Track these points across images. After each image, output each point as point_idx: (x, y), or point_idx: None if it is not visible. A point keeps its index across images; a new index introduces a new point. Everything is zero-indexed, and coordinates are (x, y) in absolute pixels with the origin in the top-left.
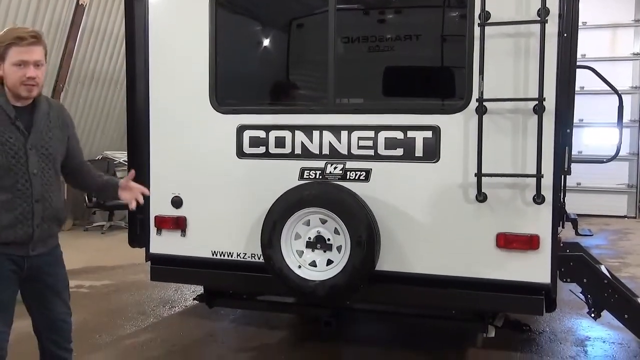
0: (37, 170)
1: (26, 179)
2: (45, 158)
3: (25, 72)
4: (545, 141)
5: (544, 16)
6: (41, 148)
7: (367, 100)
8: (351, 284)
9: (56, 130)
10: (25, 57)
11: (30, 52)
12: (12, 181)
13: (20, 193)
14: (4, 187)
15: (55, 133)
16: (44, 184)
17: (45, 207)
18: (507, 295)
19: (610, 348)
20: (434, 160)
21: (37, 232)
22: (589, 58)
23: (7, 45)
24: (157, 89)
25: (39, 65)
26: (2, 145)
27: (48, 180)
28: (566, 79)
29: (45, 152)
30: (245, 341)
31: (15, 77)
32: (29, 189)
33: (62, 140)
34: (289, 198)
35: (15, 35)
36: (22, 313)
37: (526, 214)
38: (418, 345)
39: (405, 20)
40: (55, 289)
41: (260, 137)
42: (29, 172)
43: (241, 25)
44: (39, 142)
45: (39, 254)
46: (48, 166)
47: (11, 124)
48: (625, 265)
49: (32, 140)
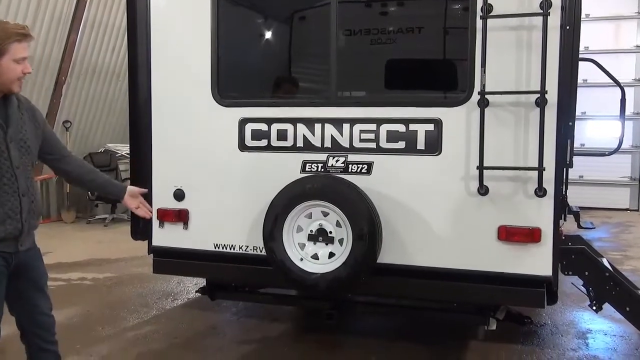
0: (19, 164)
1: (11, 173)
2: (24, 151)
3: (23, 68)
4: (547, 134)
5: (546, 8)
6: (19, 141)
7: (369, 93)
8: (353, 277)
9: (29, 123)
10: (25, 54)
11: (27, 49)
12: None
13: (7, 188)
14: None
15: (29, 126)
16: (27, 178)
17: (30, 200)
18: (508, 288)
19: (611, 341)
20: (436, 153)
21: (25, 227)
22: (591, 50)
23: (11, 41)
24: (159, 81)
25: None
26: None
27: (29, 174)
28: (568, 72)
29: (23, 145)
30: (247, 333)
31: (13, 73)
32: (14, 184)
33: (36, 134)
34: (291, 191)
35: (16, 31)
36: None
37: (528, 207)
38: (419, 338)
39: (407, 13)
40: (39, 284)
41: (262, 130)
42: (13, 166)
43: (243, 17)
44: (17, 136)
45: (26, 249)
46: (27, 159)
47: None
48: (627, 258)
49: (11, 134)
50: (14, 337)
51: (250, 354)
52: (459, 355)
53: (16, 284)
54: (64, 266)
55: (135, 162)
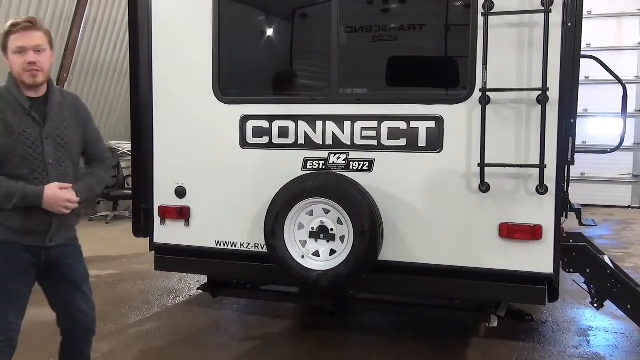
0: (52, 160)
1: (43, 168)
2: (61, 148)
3: (26, 58)
4: (549, 131)
5: (548, 5)
6: (57, 138)
7: (370, 90)
8: (354, 274)
9: (70, 120)
10: (22, 43)
11: (27, 38)
12: (28, 170)
13: (37, 182)
14: (21, 177)
15: (70, 123)
16: (60, 174)
17: None
18: (509, 285)
19: (612, 338)
20: (437, 150)
21: (54, 223)
22: (593, 47)
23: (5, 35)
24: (161, 79)
25: (40, 50)
26: (19, 135)
27: (64, 170)
28: (570, 69)
29: (61, 142)
30: (249, 330)
31: (17, 64)
32: (45, 179)
33: (77, 131)
34: (293, 188)
35: (11, 23)
36: (36, 301)
37: (529, 204)
38: (420, 335)
39: (408, 10)
40: (74, 281)
41: (264, 128)
42: (45, 161)
43: (244, 14)
44: (55, 132)
45: (56, 245)
46: (64, 156)
47: (26, 114)
48: (628, 256)
49: (48, 130)
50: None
51: (251, 351)
52: (460, 352)
53: (51, 280)
54: None
55: (137, 160)
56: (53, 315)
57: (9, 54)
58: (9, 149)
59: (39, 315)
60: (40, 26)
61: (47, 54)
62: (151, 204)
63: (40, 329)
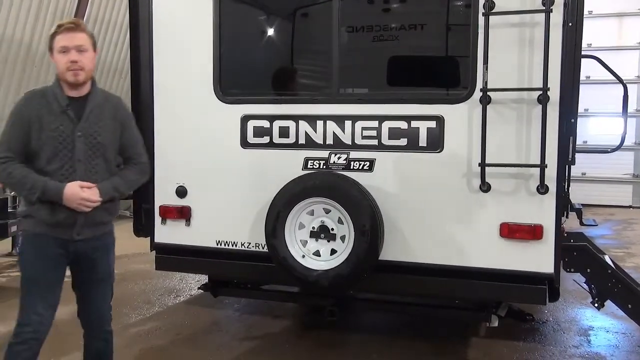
0: (82, 157)
1: (71, 164)
2: (92, 146)
3: (69, 57)
4: (550, 131)
5: (548, 5)
6: (89, 137)
7: (371, 90)
8: (355, 274)
9: (108, 121)
10: (66, 43)
11: (70, 38)
12: (57, 166)
13: (63, 178)
14: (50, 172)
15: (107, 124)
16: (88, 171)
17: None
18: (510, 285)
19: (613, 338)
20: (438, 150)
21: (80, 217)
22: (594, 47)
23: (51, 36)
24: (162, 78)
25: (82, 50)
26: (52, 132)
27: (94, 167)
28: (571, 69)
29: (93, 141)
30: (249, 330)
31: (61, 63)
32: (72, 175)
33: (113, 132)
34: (293, 188)
35: (57, 25)
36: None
37: (530, 204)
38: (421, 335)
39: (409, 10)
40: (93, 276)
41: (264, 127)
42: (74, 158)
43: (245, 14)
44: (88, 131)
45: (84, 239)
46: (96, 154)
47: (62, 112)
48: (629, 256)
49: (81, 128)
50: None
51: (252, 351)
52: (461, 352)
53: (77, 273)
54: None
55: None
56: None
57: (54, 54)
58: (40, 145)
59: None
60: (84, 28)
61: (89, 54)
62: (152, 204)
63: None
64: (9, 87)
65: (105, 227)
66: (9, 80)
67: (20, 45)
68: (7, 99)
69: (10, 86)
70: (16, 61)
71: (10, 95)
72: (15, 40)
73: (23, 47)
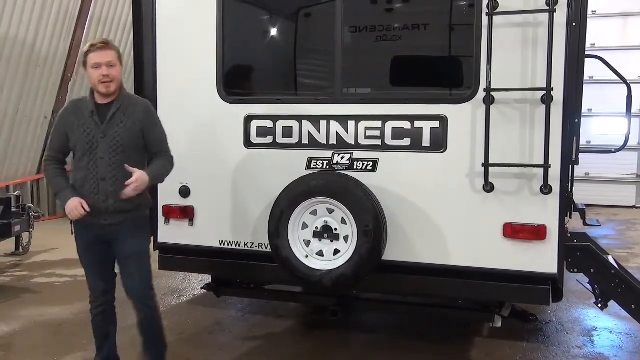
0: (104, 155)
1: (94, 161)
2: (113, 145)
3: (101, 72)
4: (553, 131)
5: (552, 5)
6: (112, 138)
7: (374, 90)
8: (358, 274)
9: (129, 123)
10: (98, 60)
11: (102, 56)
12: (86, 162)
13: (89, 172)
14: (81, 167)
15: (130, 126)
16: (110, 166)
17: (110, 185)
18: (513, 285)
19: (617, 338)
20: (441, 150)
21: (103, 205)
22: (598, 47)
23: (85, 54)
24: (165, 78)
25: (112, 65)
26: (81, 134)
27: (115, 163)
28: (575, 69)
29: (112, 141)
30: (252, 330)
31: (94, 77)
32: (96, 170)
33: (131, 131)
34: (296, 188)
35: (89, 44)
36: (40, 300)
37: (533, 204)
38: (424, 335)
39: (412, 10)
40: (122, 254)
41: (268, 127)
42: (97, 156)
43: (249, 14)
44: (110, 132)
45: (110, 223)
46: (116, 152)
47: (90, 117)
48: (633, 256)
49: (103, 130)
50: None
51: (255, 351)
52: (464, 352)
53: (112, 252)
54: (69, 263)
55: None
56: (55, 315)
57: (88, 69)
58: (74, 145)
59: (43, 315)
60: (112, 46)
61: (117, 68)
62: (155, 204)
63: (41, 329)
64: (12, 87)
65: (131, 215)
66: (13, 80)
67: (24, 46)
68: (11, 98)
69: (13, 86)
70: (19, 61)
71: (13, 95)
72: (19, 41)
73: (27, 47)
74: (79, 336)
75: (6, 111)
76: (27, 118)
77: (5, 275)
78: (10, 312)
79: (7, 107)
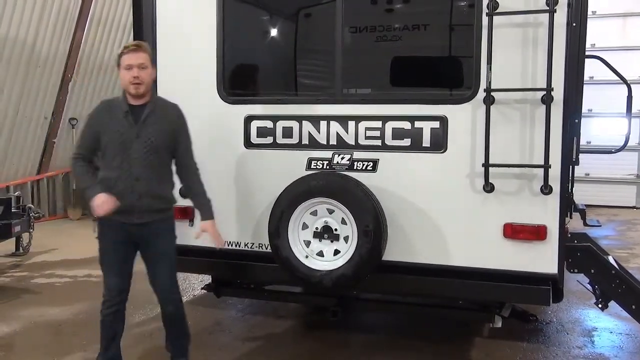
0: (137, 155)
1: (128, 161)
2: (147, 146)
3: (132, 74)
4: (553, 131)
5: (552, 5)
6: (145, 138)
7: (374, 90)
8: (358, 274)
9: (160, 123)
10: (130, 62)
11: (134, 58)
12: (119, 162)
13: (122, 172)
14: (114, 167)
15: (161, 128)
16: (143, 166)
17: (144, 184)
18: (514, 286)
19: (617, 339)
20: (442, 150)
21: (137, 204)
22: (598, 47)
23: (119, 55)
24: (165, 78)
25: (143, 67)
26: (114, 133)
27: (148, 164)
28: (575, 69)
29: (147, 141)
30: (252, 330)
31: (125, 78)
32: (129, 169)
33: (165, 132)
34: (297, 188)
35: (124, 46)
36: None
37: (533, 205)
38: (424, 335)
39: (413, 10)
40: (154, 253)
41: (268, 128)
42: (131, 157)
43: (249, 14)
44: (143, 132)
45: (141, 223)
46: (149, 152)
47: (124, 117)
48: (633, 256)
49: (138, 131)
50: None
51: (255, 351)
52: (464, 352)
53: (140, 250)
54: (70, 263)
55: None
56: (55, 316)
57: (121, 70)
58: (106, 144)
59: (43, 315)
60: (145, 49)
61: (148, 70)
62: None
63: (41, 329)
64: (12, 88)
65: (162, 214)
66: (13, 80)
67: (24, 46)
68: (11, 99)
69: (13, 86)
70: (20, 62)
71: (14, 96)
72: (19, 41)
73: (27, 47)
74: (79, 336)
75: (6, 112)
76: (27, 118)
77: (6, 275)
78: (11, 313)
79: (7, 108)
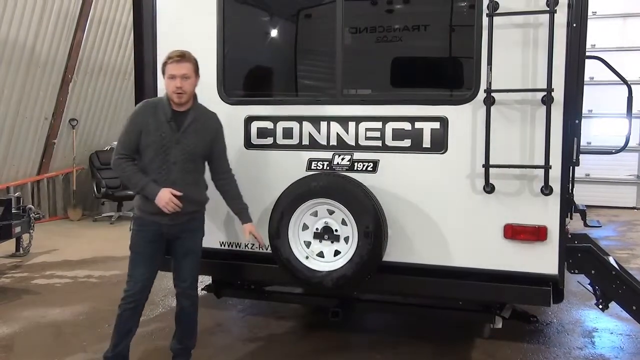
0: (175, 160)
1: (167, 165)
2: (186, 152)
3: (175, 84)
4: (554, 132)
5: (553, 6)
6: (184, 144)
7: (374, 91)
8: (358, 275)
9: (200, 132)
10: (174, 72)
11: (177, 68)
12: (157, 165)
13: (160, 176)
14: (152, 170)
15: (200, 134)
16: (179, 171)
17: (179, 189)
18: (514, 287)
19: (618, 339)
20: (442, 151)
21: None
22: (598, 48)
23: (164, 64)
24: None
25: (186, 77)
26: (157, 136)
27: (185, 169)
28: (575, 70)
29: (185, 147)
30: (253, 331)
31: (169, 87)
32: (166, 174)
33: (203, 141)
34: (297, 189)
35: (169, 56)
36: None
37: (534, 205)
38: (425, 336)
39: (413, 11)
40: (181, 251)
41: (268, 128)
42: (169, 161)
43: (249, 15)
44: (183, 139)
45: (175, 223)
46: (187, 158)
47: (166, 122)
48: (633, 257)
49: (178, 137)
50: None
51: (255, 352)
52: (465, 353)
53: (170, 247)
54: (70, 264)
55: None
56: (55, 316)
57: (165, 78)
58: (146, 146)
59: (43, 316)
60: (189, 58)
61: (191, 80)
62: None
63: (41, 330)
64: (12, 88)
65: (194, 215)
66: (13, 81)
67: (24, 47)
68: (12, 100)
69: (14, 87)
70: (20, 63)
71: (14, 96)
72: (19, 42)
73: (27, 48)
74: (79, 337)
75: (7, 112)
76: (28, 119)
77: (6, 276)
78: (11, 314)
79: (7, 109)
